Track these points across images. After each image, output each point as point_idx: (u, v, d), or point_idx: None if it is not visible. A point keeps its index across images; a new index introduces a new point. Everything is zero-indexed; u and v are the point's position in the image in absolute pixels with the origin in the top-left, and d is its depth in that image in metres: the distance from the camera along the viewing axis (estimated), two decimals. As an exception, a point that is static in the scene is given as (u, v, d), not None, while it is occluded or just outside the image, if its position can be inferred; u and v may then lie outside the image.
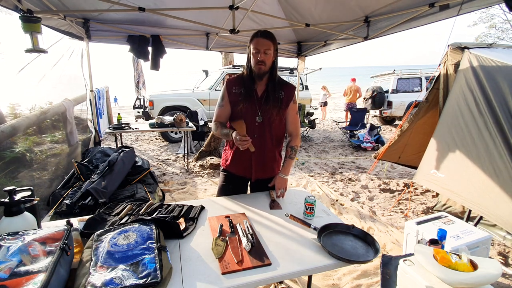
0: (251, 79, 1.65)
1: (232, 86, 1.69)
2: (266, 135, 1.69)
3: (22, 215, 1.12)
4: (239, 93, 1.66)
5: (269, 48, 1.56)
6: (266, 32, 1.59)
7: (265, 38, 1.56)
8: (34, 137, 3.86)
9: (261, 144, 1.69)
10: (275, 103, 1.64)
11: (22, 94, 3.60)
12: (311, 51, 4.22)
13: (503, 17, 14.39)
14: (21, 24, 2.04)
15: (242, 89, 1.66)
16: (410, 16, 2.52)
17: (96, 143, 3.90)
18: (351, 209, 3.41)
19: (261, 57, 1.56)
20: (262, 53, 1.55)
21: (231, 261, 1.11)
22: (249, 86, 1.65)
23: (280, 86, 1.68)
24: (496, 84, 2.28)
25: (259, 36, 1.57)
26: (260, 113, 1.64)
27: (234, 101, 1.67)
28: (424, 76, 8.50)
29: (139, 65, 6.86)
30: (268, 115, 1.65)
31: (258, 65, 1.58)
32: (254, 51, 1.57)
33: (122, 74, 35.06)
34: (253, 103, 1.65)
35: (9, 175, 2.81)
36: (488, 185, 2.17)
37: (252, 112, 1.65)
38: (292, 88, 1.72)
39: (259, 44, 1.56)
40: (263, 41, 1.56)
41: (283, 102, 1.67)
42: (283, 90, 1.68)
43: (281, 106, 1.67)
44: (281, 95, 1.67)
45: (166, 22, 3.35)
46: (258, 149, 1.67)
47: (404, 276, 1.16)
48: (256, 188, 1.86)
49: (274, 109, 1.65)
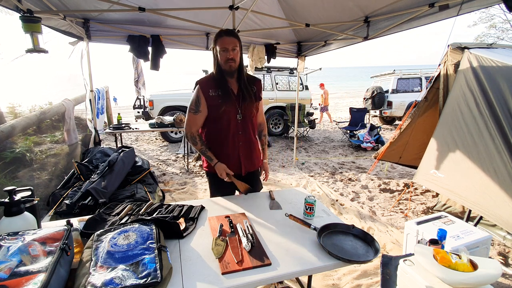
0: (223, 78, 1.68)
1: (208, 89, 1.67)
2: (249, 130, 1.76)
3: (22, 215, 1.12)
4: (217, 95, 1.67)
5: (236, 45, 1.62)
6: (230, 31, 1.65)
7: (230, 36, 1.61)
8: (34, 137, 3.87)
9: (246, 139, 1.76)
10: (251, 98, 1.72)
11: (22, 94, 3.61)
12: (311, 51, 4.22)
13: (503, 17, 14.38)
14: (21, 24, 2.04)
15: (219, 90, 1.67)
16: (410, 16, 2.52)
17: (96, 143, 3.90)
18: (351, 209, 3.41)
19: (230, 55, 1.60)
20: (231, 51, 1.60)
21: (231, 261, 1.11)
22: (225, 86, 1.68)
23: (251, 81, 1.77)
24: (496, 84, 2.28)
25: (223, 35, 1.61)
26: (240, 110, 1.70)
27: (214, 105, 1.67)
28: (424, 76, 8.50)
29: (139, 65, 6.86)
30: (248, 111, 1.73)
31: (229, 63, 1.62)
32: (222, 50, 1.61)
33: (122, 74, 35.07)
34: (233, 102, 1.69)
35: (9, 175, 2.81)
36: (488, 185, 2.17)
37: (233, 111, 1.69)
38: (259, 81, 1.84)
39: (225, 42, 1.60)
40: (229, 39, 1.61)
41: (257, 95, 1.78)
42: (254, 85, 1.78)
43: (256, 100, 1.77)
44: (254, 89, 1.77)
45: (166, 22, 3.35)
46: (245, 145, 1.76)
47: (404, 276, 1.16)
48: (245, 181, 1.83)
49: (252, 104, 1.73)
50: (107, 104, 7.20)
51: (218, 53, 1.63)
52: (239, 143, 1.74)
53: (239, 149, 1.75)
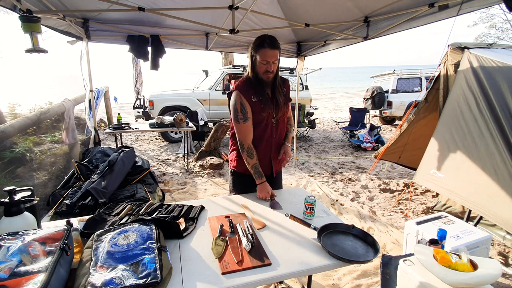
0: (261, 84, 1.66)
1: (250, 95, 1.65)
2: (281, 132, 1.78)
3: (22, 215, 1.12)
4: (259, 100, 1.66)
5: (277, 58, 1.60)
6: (273, 41, 1.57)
7: (273, 49, 1.56)
8: (34, 137, 3.87)
9: (278, 142, 1.78)
10: (284, 102, 1.74)
11: (22, 94, 3.61)
12: (311, 51, 4.22)
13: (503, 17, 14.38)
14: (21, 24, 2.03)
15: (259, 96, 1.66)
16: (409, 16, 2.52)
17: (96, 143, 3.90)
18: (351, 209, 3.41)
19: (271, 68, 1.58)
20: (272, 64, 1.57)
21: (231, 261, 1.11)
22: (263, 92, 1.67)
23: (281, 84, 1.77)
24: (496, 84, 2.28)
25: (266, 46, 1.55)
26: (275, 115, 1.71)
27: (257, 111, 1.66)
28: (424, 76, 8.50)
29: (138, 65, 6.87)
30: (281, 114, 1.74)
31: (267, 75, 1.61)
32: (263, 63, 1.57)
33: (122, 74, 35.09)
34: (270, 108, 1.69)
35: (9, 175, 2.81)
36: (488, 185, 2.17)
37: (270, 116, 1.70)
38: (287, 81, 1.83)
39: (268, 55, 1.55)
40: (271, 53, 1.56)
41: (287, 97, 1.78)
42: (284, 87, 1.78)
43: (287, 101, 1.78)
44: (284, 91, 1.77)
45: (166, 22, 3.35)
46: (276, 147, 1.77)
47: (404, 276, 1.16)
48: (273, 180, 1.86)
49: (285, 107, 1.75)
50: (107, 104, 7.21)
51: (258, 62, 1.59)
52: (272, 147, 1.76)
53: (271, 152, 1.77)
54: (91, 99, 3.81)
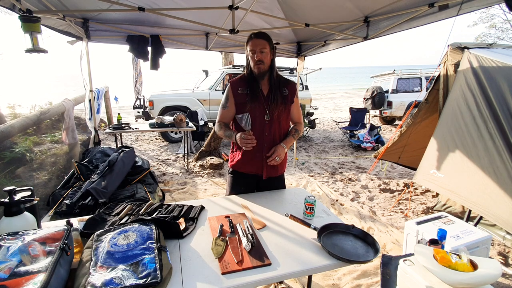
0: (253, 79, 1.70)
1: (237, 87, 1.72)
2: (275, 132, 1.75)
3: (22, 215, 1.12)
4: (245, 93, 1.70)
5: (265, 46, 1.62)
6: (260, 33, 1.65)
7: (259, 38, 1.62)
8: (34, 137, 3.87)
9: (272, 142, 1.74)
10: (281, 100, 1.72)
11: (22, 94, 3.61)
12: (311, 51, 4.22)
13: (503, 17, 14.39)
14: (21, 24, 2.03)
15: (247, 89, 1.70)
16: (409, 16, 2.52)
17: (96, 143, 3.90)
18: (351, 209, 3.41)
19: (258, 57, 1.61)
20: (259, 52, 1.61)
21: (231, 261, 1.11)
22: (254, 86, 1.70)
23: (283, 84, 1.76)
24: (496, 84, 2.28)
25: (253, 37, 1.63)
26: (268, 111, 1.70)
27: (240, 102, 1.71)
28: (424, 76, 8.50)
29: (138, 65, 6.87)
30: (276, 112, 1.71)
31: (257, 65, 1.64)
32: (251, 53, 1.64)
33: (122, 74, 35.09)
34: (261, 103, 1.70)
35: (9, 175, 2.81)
36: (488, 185, 2.17)
37: (260, 111, 1.70)
38: (294, 84, 1.82)
39: (254, 44, 1.62)
40: (257, 41, 1.62)
41: (288, 98, 1.76)
42: (286, 88, 1.76)
43: (287, 102, 1.75)
44: (285, 92, 1.75)
45: (166, 22, 3.35)
46: (269, 146, 1.73)
47: (404, 276, 1.16)
48: (265, 187, 1.84)
49: (281, 106, 1.72)
50: (107, 104, 7.20)
51: (249, 55, 1.66)
52: (264, 145, 1.73)
53: (264, 151, 1.73)
54: (91, 99, 3.81)
